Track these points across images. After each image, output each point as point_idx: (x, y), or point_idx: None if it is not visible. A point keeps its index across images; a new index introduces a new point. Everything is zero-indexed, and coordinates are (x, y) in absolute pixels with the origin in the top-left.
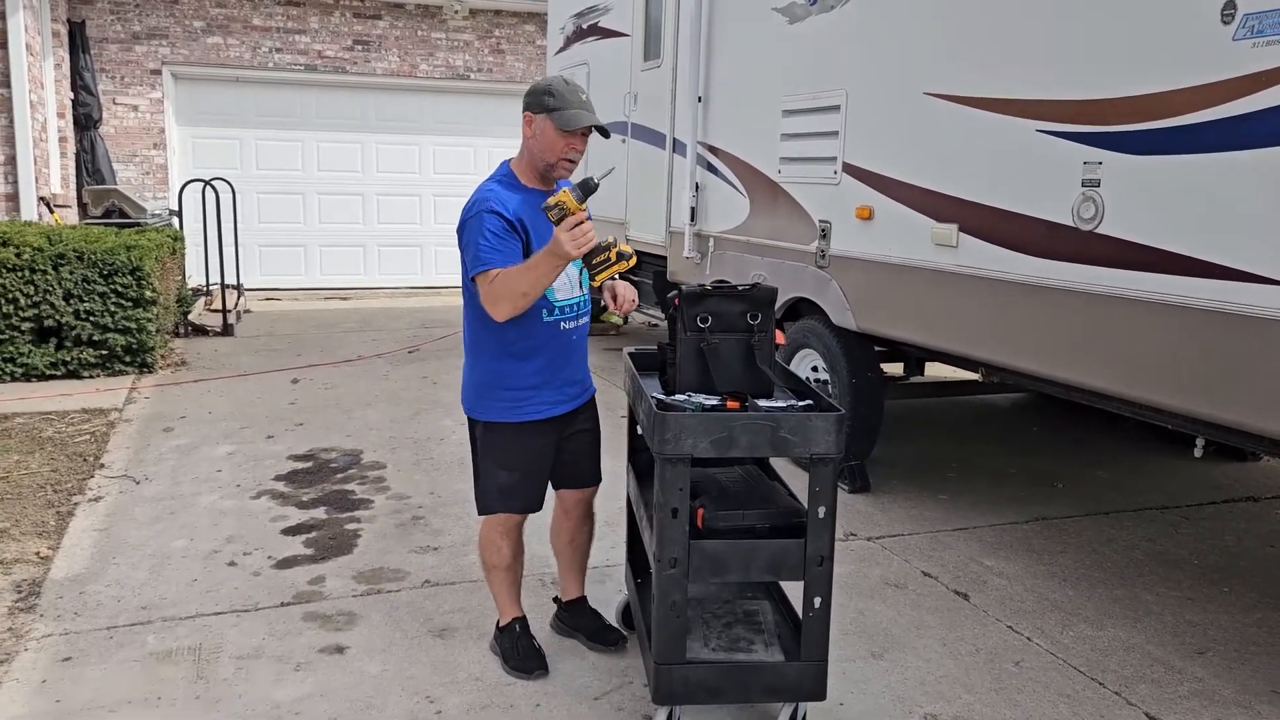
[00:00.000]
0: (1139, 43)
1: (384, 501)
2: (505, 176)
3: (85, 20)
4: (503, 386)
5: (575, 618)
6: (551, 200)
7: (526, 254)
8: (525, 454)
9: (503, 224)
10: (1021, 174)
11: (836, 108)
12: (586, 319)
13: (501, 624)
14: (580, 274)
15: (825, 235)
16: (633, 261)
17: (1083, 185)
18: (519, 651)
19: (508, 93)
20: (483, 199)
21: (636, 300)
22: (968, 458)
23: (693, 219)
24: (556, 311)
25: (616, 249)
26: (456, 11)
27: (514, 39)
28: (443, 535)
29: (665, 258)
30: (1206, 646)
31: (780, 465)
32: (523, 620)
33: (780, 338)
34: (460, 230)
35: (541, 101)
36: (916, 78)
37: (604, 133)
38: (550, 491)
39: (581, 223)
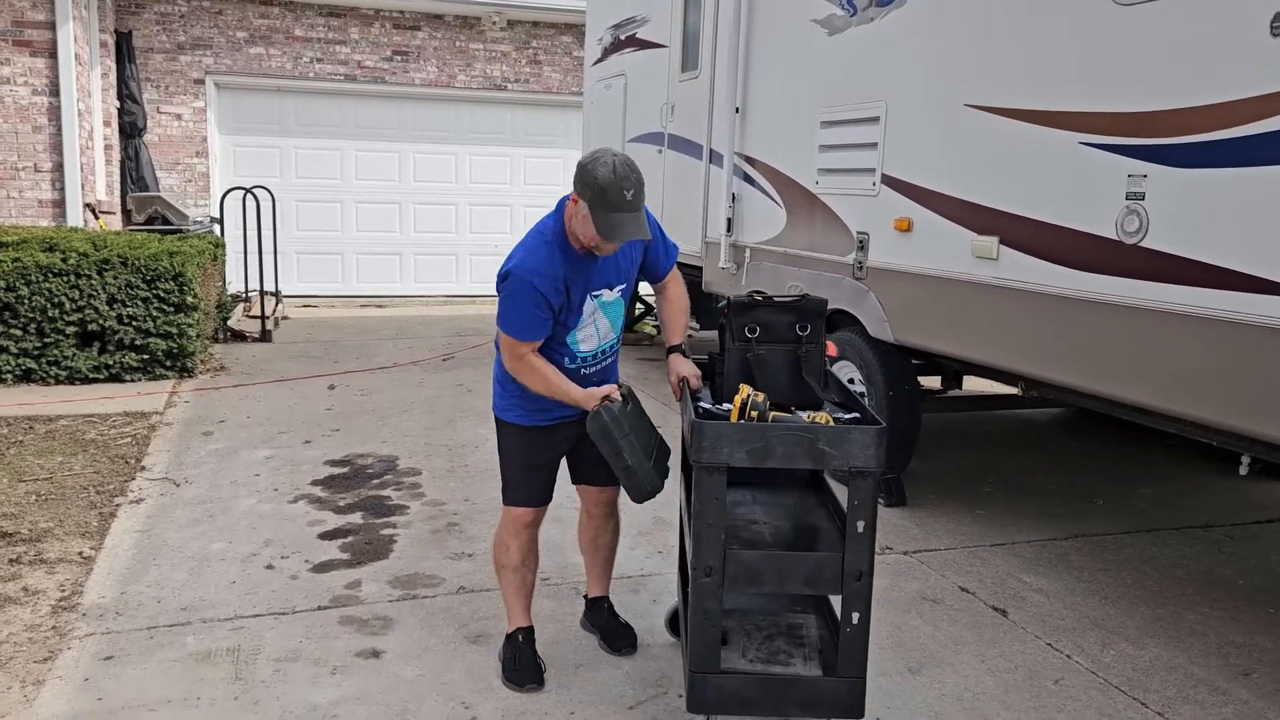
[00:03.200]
0: (1185, 55)
1: (419, 508)
2: (558, 237)
3: (132, 31)
4: (518, 394)
5: (594, 616)
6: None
7: (563, 307)
8: (528, 450)
9: (542, 301)
10: (1064, 187)
11: (876, 119)
12: (613, 358)
13: (508, 631)
14: (612, 324)
15: (863, 247)
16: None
17: (1127, 198)
18: (516, 662)
19: (545, 103)
20: (531, 269)
21: (698, 380)
22: (1006, 473)
23: (729, 230)
24: (578, 360)
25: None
26: (494, 23)
27: (551, 50)
28: (477, 542)
29: (701, 268)
30: (1251, 668)
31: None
32: (527, 630)
33: (832, 349)
34: (501, 282)
35: (587, 190)
36: (957, 89)
37: (648, 235)
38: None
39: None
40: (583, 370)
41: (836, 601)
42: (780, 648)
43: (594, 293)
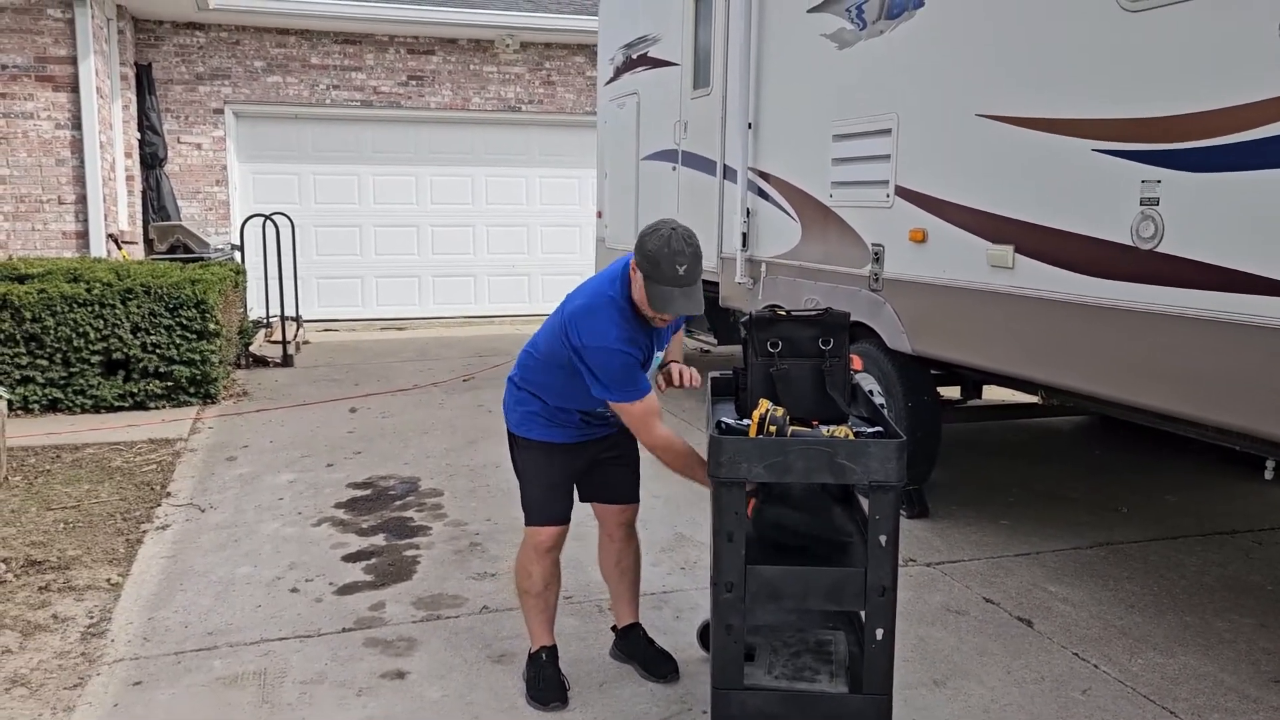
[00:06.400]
0: (1195, 60)
1: (442, 528)
2: (628, 304)
3: (152, 63)
4: (538, 411)
5: (630, 645)
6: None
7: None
8: (551, 468)
9: (635, 363)
10: (1078, 194)
11: (888, 131)
12: None
13: (531, 650)
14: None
15: (878, 259)
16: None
17: (1141, 204)
18: (540, 682)
19: (559, 123)
20: (619, 339)
21: (692, 380)
22: (1029, 482)
23: (744, 245)
24: (593, 418)
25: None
26: (508, 45)
27: (564, 70)
28: (500, 561)
29: (717, 284)
30: None
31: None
32: (551, 650)
33: (858, 363)
34: (587, 353)
35: (643, 262)
36: (968, 99)
37: (700, 309)
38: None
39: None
40: (593, 423)
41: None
42: (807, 664)
43: (656, 353)
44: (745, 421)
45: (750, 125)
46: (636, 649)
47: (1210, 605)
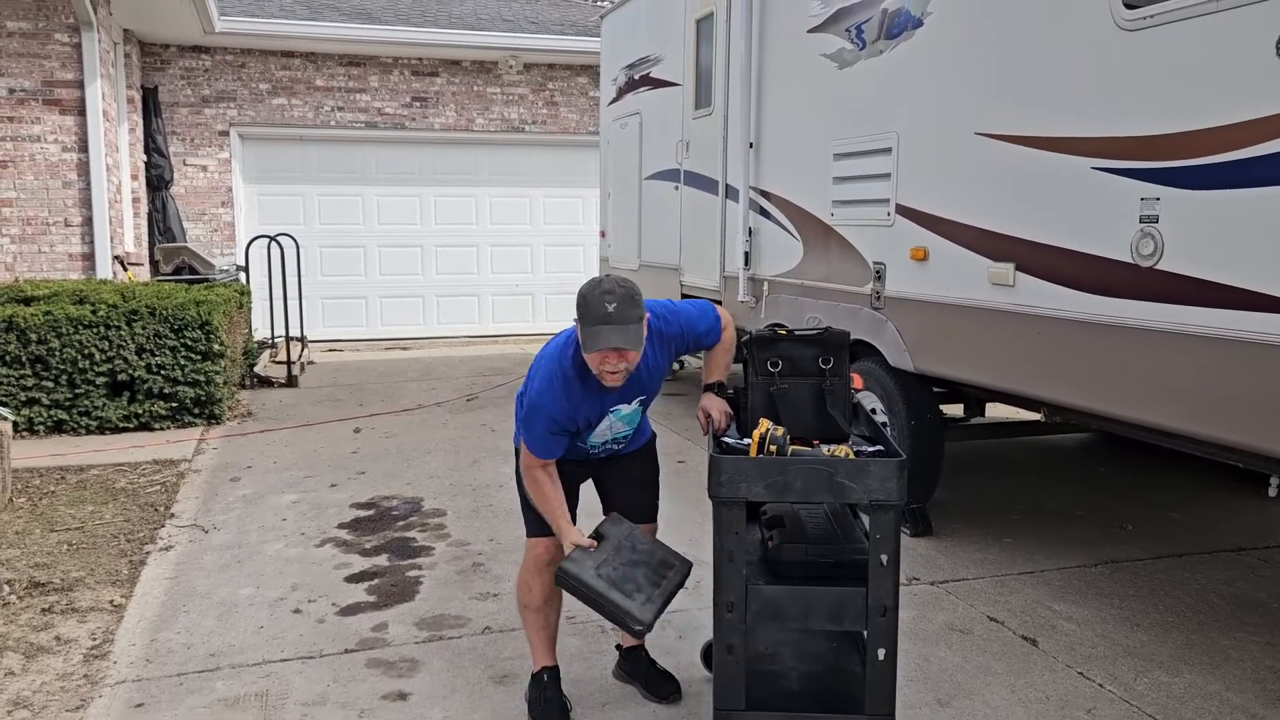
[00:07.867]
0: (1191, 78)
1: (444, 549)
2: (575, 368)
3: (158, 86)
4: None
5: (633, 666)
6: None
7: (578, 430)
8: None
9: (555, 427)
10: (1077, 212)
11: (888, 150)
12: (626, 440)
13: (533, 671)
14: (626, 423)
15: (880, 277)
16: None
17: (1140, 221)
18: (541, 703)
19: (562, 144)
20: (549, 401)
21: (724, 419)
22: (1033, 500)
23: (746, 263)
24: (590, 451)
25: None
26: (511, 66)
27: (567, 91)
28: (503, 582)
29: (720, 302)
30: None
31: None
32: (552, 670)
33: (858, 382)
34: (520, 405)
35: (578, 308)
36: (968, 118)
37: (631, 345)
38: None
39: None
40: (591, 453)
41: None
42: (635, 578)
43: (612, 409)
44: (745, 441)
45: (751, 145)
46: (639, 669)
47: (1216, 623)
